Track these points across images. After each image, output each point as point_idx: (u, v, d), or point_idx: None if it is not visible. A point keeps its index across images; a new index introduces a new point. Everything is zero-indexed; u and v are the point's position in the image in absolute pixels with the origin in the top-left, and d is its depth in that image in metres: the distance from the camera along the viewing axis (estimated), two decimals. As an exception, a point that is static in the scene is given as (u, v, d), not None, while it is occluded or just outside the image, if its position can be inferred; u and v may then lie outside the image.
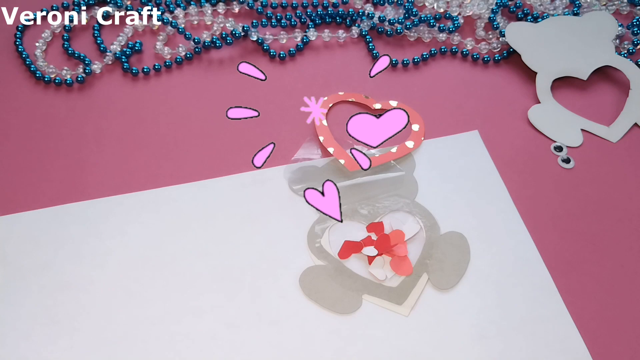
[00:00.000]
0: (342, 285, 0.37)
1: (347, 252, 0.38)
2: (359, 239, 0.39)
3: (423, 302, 0.37)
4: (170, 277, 0.38)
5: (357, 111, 0.47)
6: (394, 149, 0.44)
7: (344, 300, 0.36)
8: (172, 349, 0.35)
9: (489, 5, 0.53)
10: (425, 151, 0.44)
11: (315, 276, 0.37)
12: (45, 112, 0.47)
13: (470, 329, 0.36)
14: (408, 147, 0.44)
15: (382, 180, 0.42)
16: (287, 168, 0.43)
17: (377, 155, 0.43)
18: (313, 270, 0.38)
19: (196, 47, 0.51)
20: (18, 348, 0.35)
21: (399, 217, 0.40)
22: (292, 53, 0.51)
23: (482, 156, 0.44)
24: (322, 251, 0.39)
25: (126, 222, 0.40)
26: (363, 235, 0.39)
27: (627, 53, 0.51)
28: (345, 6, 0.54)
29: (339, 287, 0.37)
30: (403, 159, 0.43)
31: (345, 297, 0.37)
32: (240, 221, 0.40)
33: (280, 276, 0.37)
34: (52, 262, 0.38)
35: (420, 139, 0.45)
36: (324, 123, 0.45)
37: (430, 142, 0.45)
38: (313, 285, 0.37)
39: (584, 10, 0.54)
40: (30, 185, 0.42)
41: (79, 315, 0.36)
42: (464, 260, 0.38)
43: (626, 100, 0.47)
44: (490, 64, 0.51)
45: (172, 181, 0.42)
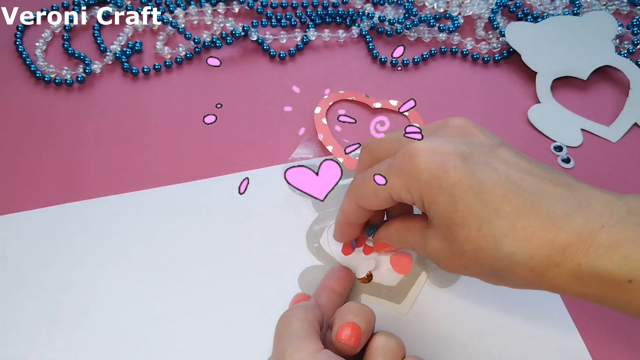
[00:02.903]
0: (341, 285, 0.37)
1: (349, 249, 0.38)
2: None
3: (422, 301, 0.37)
4: (170, 277, 0.38)
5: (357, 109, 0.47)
6: (394, 148, 0.44)
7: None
8: (171, 348, 0.35)
9: (489, 5, 0.53)
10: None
11: (314, 276, 0.37)
12: (45, 112, 0.47)
13: (469, 327, 0.36)
14: None
15: (382, 179, 0.42)
16: (285, 167, 0.43)
17: None
18: (312, 270, 0.38)
19: (196, 47, 0.51)
20: (18, 348, 0.35)
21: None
22: (292, 53, 0.51)
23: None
24: (321, 251, 0.39)
25: (126, 222, 0.40)
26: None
27: (627, 53, 0.51)
28: (345, 6, 0.54)
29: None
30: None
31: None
32: (239, 221, 0.40)
33: (279, 276, 0.37)
34: (51, 262, 0.38)
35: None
36: (323, 121, 0.45)
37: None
38: (312, 285, 0.37)
39: (584, 10, 0.54)
40: (30, 185, 0.42)
41: (78, 315, 0.36)
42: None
43: (626, 100, 0.47)
44: (490, 63, 0.51)
45: (172, 181, 0.42)
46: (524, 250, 0.27)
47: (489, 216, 0.28)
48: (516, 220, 0.27)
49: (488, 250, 0.28)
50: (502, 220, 0.28)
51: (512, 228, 0.27)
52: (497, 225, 0.28)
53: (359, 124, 0.46)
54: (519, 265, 0.28)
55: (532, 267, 0.27)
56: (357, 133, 0.45)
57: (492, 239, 0.28)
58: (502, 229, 0.27)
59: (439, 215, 0.29)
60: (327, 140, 0.43)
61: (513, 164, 0.29)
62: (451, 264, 0.30)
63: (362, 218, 0.35)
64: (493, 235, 0.28)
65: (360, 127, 0.46)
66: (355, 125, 0.45)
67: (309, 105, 0.47)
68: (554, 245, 0.27)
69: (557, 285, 0.28)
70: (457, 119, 0.32)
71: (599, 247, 0.26)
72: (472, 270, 0.30)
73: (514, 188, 0.28)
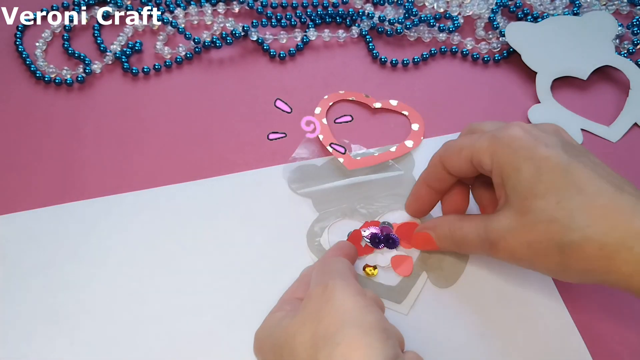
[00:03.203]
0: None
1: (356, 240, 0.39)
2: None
3: (422, 301, 0.37)
4: (170, 276, 0.38)
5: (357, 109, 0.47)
6: (393, 148, 0.44)
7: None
8: (172, 347, 0.35)
9: (489, 5, 0.53)
10: (424, 150, 0.44)
11: (315, 276, 0.37)
12: (45, 112, 0.47)
13: (470, 327, 0.36)
14: (407, 146, 0.44)
15: (381, 179, 0.42)
16: (285, 167, 0.43)
17: (376, 154, 0.43)
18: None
19: (196, 47, 0.51)
20: (18, 347, 0.35)
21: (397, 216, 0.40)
22: (292, 53, 0.51)
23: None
24: (322, 250, 0.39)
25: (125, 221, 0.40)
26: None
27: (627, 53, 0.51)
28: (345, 6, 0.54)
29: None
30: (402, 159, 0.43)
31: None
32: (239, 220, 0.40)
33: (280, 275, 0.37)
34: (51, 261, 0.38)
35: (419, 139, 0.45)
36: (323, 122, 0.45)
37: (429, 141, 0.45)
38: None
39: (584, 10, 0.54)
40: (30, 185, 0.42)
41: (78, 315, 0.36)
42: (462, 259, 0.38)
43: (626, 100, 0.47)
44: (490, 63, 0.51)
45: (172, 181, 0.42)
46: (598, 225, 0.28)
47: (570, 192, 0.29)
48: (596, 199, 0.28)
49: (562, 221, 0.28)
50: (582, 197, 0.28)
51: (591, 205, 0.28)
52: (577, 200, 0.28)
53: (359, 125, 0.46)
54: (590, 239, 0.28)
55: (603, 244, 0.28)
56: (357, 133, 0.45)
57: (569, 211, 0.28)
58: (580, 204, 0.28)
59: (518, 184, 0.30)
60: (327, 140, 0.43)
61: (600, 165, 0.31)
62: (515, 240, 0.30)
63: (439, 181, 0.36)
64: (570, 208, 0.28)
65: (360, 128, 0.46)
66: (354, 125, 0.45)
67: (308, 106, 0.47)
68: (630, 228, 0.27)
69: (624, 272, 0.28)
70: (550, 124, 0.34)
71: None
72: (535, 249, 0.30)
73: (597, 176, 0.29)
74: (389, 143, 0.44)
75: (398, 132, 0.46)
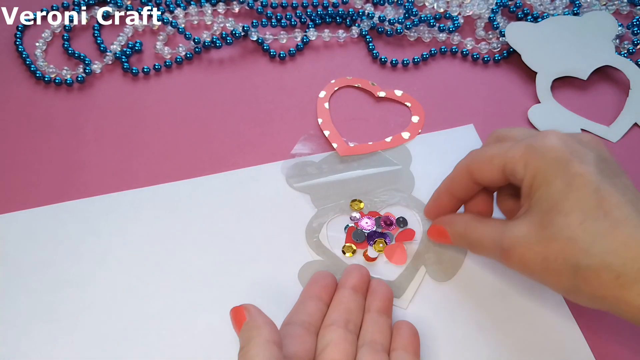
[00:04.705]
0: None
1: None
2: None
3: (421, 295, 0.37)
4: (170, 274, 0.38)
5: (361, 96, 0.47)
6: (389, 138, 0.44)
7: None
8: (171, 344, 0.35)
9: (489, 5, 0.54)
10: (422, 145, 0.44)
11: (314, 271, 0.37)
12: (45, 112, 0.47)
13: (469, 321, 0.36)
14: (403, 137, 0.44)
15: (379, 174, 0.42)
16: (284, 164, 0.43)
17: (370, 143, 0.43)
18: (312, 265, 0.38)
19: (196, 47, 0.51)
20: (18, 346, 0.35)
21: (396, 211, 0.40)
22: (292, 53, 0.51)
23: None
24: (320, 246, 0.39)
25: (125, 219, 0.40)
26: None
27: (627, 53, 0.51)
28: (345, 6, 0.54)
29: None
30: (399, 153, 0.43)
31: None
32: (238, 217, 0.40)
33: (279, 271, 0.37)
34: (51, 260, 0.38)
35: (417, 131, 0.45)
36: (325, 106, 0.45)
37: (426, 136, 0.45)
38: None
39: (584, 10, 0.54)
40: (30, 184, 0.42)
41: (79, 313, 0.36)
42: (461, 252, 0.38)
43: (626, 100, 0.47)
44: (490, 63, 0.51)
45: (171, 180, 0.42)
46: (619, 254, 0.27)
47: (597, 215, 0.28)
48: (621, 226, 0.27)
49: (583, 243, 0.28)
50: (607, 222, 0.28)
51: (615, 232, 0.27)
52: (601, 224, 0.28)
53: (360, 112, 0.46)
54: (608, 267, 0.27)
55: (620, 274, 0.27)
56: (357, 120, 0.45)
57: (591, 235, 0.28)
58: (604, 228, 0.27)
59: (546, 196, 0.29)
60: (325, 125, 0.43)
61: (631, 189, 0.30)
62: (530, 251, 0.30)
63: (464, 190, 0.35)
64: (593, 232, 0.28)
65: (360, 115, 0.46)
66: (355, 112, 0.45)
67: (308, 106, 0.47)
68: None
69: (637, 305, 0.27)
70: (590, 135, 0.33)
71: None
72: (549, 265, 0.29)
73: (626, 202, 0.28)
74: (387, 133, 0.44)
75: (398, 122, 0.46)
